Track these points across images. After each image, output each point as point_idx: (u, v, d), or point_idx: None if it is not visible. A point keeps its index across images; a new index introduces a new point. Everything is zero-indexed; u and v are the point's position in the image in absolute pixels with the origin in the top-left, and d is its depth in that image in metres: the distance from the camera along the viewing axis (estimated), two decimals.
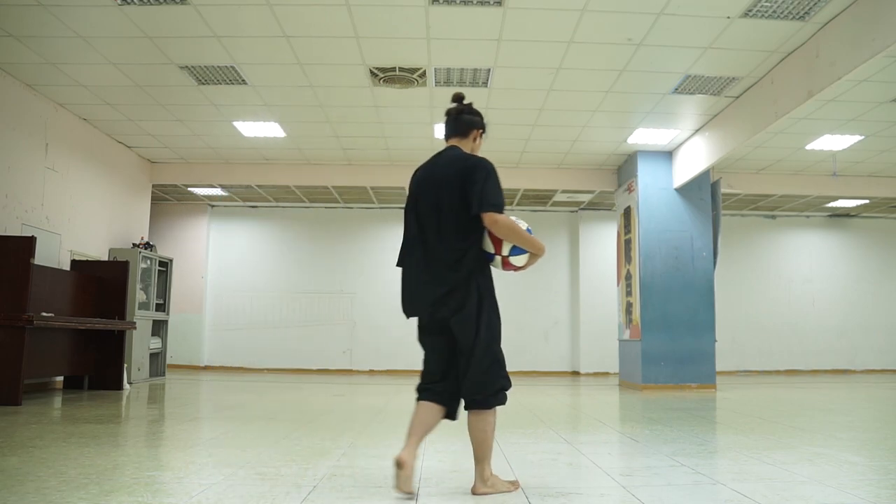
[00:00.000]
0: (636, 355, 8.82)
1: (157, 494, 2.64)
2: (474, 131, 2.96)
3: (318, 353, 12.07)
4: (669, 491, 2.83)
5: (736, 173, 9.96)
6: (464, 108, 2.97)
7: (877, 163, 9.36)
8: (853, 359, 12.50)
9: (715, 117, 7.71)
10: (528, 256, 2.77)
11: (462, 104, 2.99)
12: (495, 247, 2.75)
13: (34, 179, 7.19)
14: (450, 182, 2.74)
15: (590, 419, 5.58)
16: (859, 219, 12.82)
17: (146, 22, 5.51)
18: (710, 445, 4.11)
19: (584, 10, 5.26)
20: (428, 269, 2.73)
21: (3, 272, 5.99)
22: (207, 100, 7.37)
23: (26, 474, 2.95)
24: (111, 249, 8.75)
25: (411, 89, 6.96)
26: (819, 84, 5.58)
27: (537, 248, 2.76)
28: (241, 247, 12.40)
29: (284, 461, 3.39)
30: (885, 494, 2.78)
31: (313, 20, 5.49)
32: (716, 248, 9.05)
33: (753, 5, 5.10)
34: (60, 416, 5.27)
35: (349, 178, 10.15)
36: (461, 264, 2.69)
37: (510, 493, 2.76)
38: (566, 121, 7.89)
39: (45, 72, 6.61)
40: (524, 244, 2.73)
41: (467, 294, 2.69)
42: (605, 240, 11.92)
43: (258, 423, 4.90)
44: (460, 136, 2.94)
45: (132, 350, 8.39)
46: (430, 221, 2.76)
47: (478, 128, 2.97)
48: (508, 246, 2.73)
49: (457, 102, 3.00)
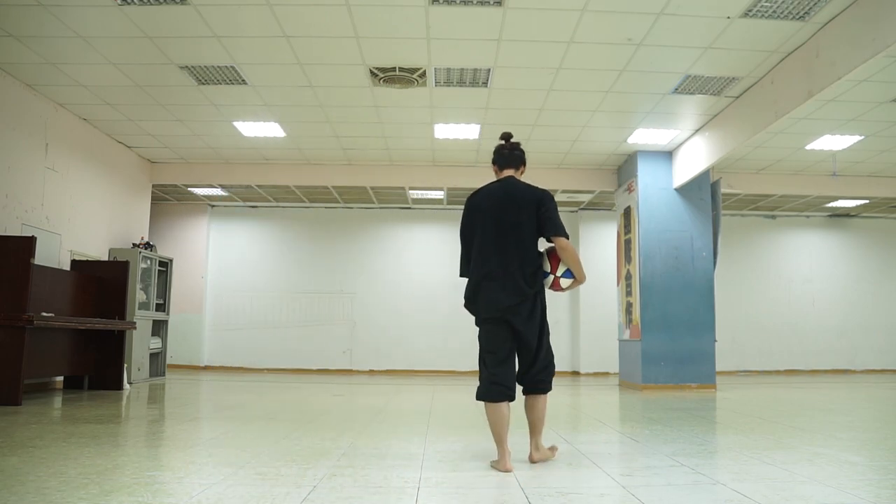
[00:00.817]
0: (636, 355, 8.82)
1: (157, 494, 2.64)
2: (522, 165, 3.58)
3: (318, 353, 12.07)
4: (669, 491, 2.83)
5: (736, 173, 9.96)
6: (515, 145, 3.58)
7: (877, 163, 9.36)
8: (853, 359, 12.50)
9: (715, 117, 7.71)
10: (572, 281, 3.35)
11: (511, 142, 3.59)
12: (552, 267, 3.35)
13: (34, 179, 7.19)
14: (529, 208, 3.32)
15: (590, 419, 5.58)
16: (859, 219, 12.82)
17: (146, 22, 5.51)
18: (710, 445, 4.11)
19: (584, 10, 5.26)
20: (507, 279, 3.27)
21: (3, 272, 5.99)
22: (207, 100, 7.37)
23: (26, 474, 2.95)
24: (111, 249, 8.75)
25: (411, 89, 6.96)
26: (819, 84, 5.58)
27: (582, 277, 3.34)
28: (241, 247, 12.40)
29: (284, 461, 3.39)
30: (885, 494, 2.78)
31: (313, 20, 5.49)
32: (716, 248, 9.05)
33: (753, 5, 5.10)
34: (60, 416, 5.27)
35: (349, 178, 10.16)
36: (535, 279, 3.29)
37: (510, 493, 2.77)
38: (566, 121, 7.89)
39: (45, 72, 6.61)
40: (576, 271, 3.32)
41: (535, 306, 3.31)
42: (605, 240, 11.92)
43: (258, 423, 4.90)
44: (514, 168, 3.55)
45: (132, 350, 8.39)
46: (509, 238, 3.31)
47: (524, 162, 3.59)
48: (563, 268, 3.32)
49: (506, 140, 3.60)
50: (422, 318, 12.13)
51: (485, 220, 3.36)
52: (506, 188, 3.44)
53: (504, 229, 3.32)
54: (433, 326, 12.07)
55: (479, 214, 3.40)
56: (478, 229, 3.37)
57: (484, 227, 3.36)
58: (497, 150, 3.58)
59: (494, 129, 8.21)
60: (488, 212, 3.37)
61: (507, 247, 3.29)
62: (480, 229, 3.37)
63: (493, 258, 3.29)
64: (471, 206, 3.47)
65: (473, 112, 7.67)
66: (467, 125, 8.11)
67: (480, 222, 3.38)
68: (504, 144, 3.58)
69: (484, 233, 3.35)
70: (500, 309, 3.25)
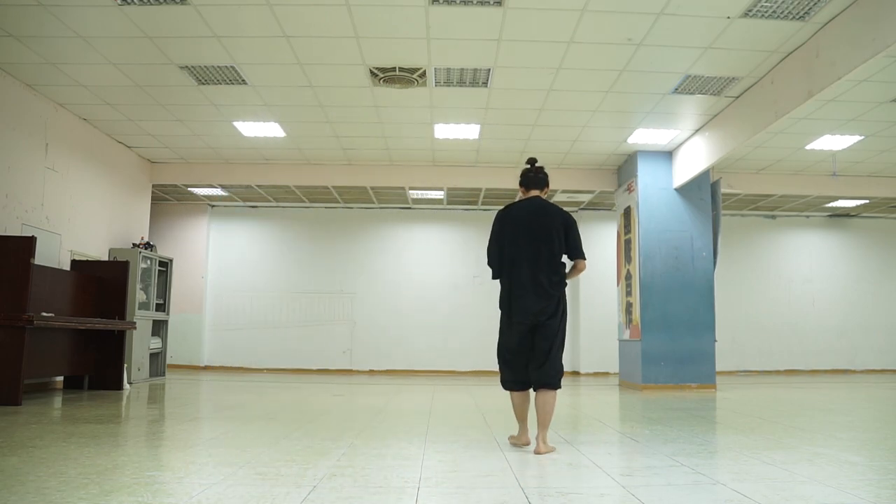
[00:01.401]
0: (636, 355, 8.82)
1: (157, 494, 2.64)
2: (546, 187, 4.11)
3: (318, 353, 12.07)
4: (669, 491, 2.83)
5: (736, 173, 9.96)
6: (540, 169, 4.10)
7: (877, 163, 9.36)
8: (853, 359, 12.50)
9: (715, 117, 7.71)
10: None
11: (536, 166, 4.11)
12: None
13: (34, 179, 7.19)
14: (557, 228, 3.87)
15: (590, 419, 5.58)
16: (859, 219, 12.82)
17: (146, 22, 5.51)
18: (710, 445, 4.11)
19: (584, 10, 5.26)
20: (536, 286, 3.79)
21: (3, 272, 5.99)
22: (207, 100, 7.37)
23: (26, 474, 2.95)
24: (111, 249, 8.75)
25: (411, 89, 6.96)
26: (819, 84, 5.58)
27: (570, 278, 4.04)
28: (241, 247, 12.40)
29: (284, 461, 3.39)
30: (885, 494, 2.78)
31: (313, 20, 5.49)
32: (716, 248, 9.05)
33: (753, 5, 5.10)
34: (60, 416, 5.27)
35: (349, 178, 10.16)
36: (559, 286, 3.84)
37: (510, 493, 2.77)
38: (566, 121, 7.89)
39: (45, 72, 6.61)
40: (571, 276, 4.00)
41: (557, 308, 3.83)
42: (605, 240, 11.92)
43: (258, 423, 4.90)
44: (540, 189, 4.06)
45: (132, 350, 8.39)
46: (538, 251, 3.83)
47: (548, 184, 4.13)
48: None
49: (531, 164, 4.12)
50: (422, 318, 12.13)
51: (515, 234, 3.89)
52: (535, 206, 3.96)
53: (534, 243, 3.85)
54: (433, 326, 12.07)
55: (509, 228, 3.93)
56: (507, 240, 3.91)
57: (515, 240, 3.88)
58: (524, 173, 4.10)
59: (494, 129, 8.21)
60: (519, 227, 3.90)
61: (536, 258, 3.82)
62: (510, 241, 3.89)
63: (524, 268, 3.82)
64: (502, 219, 3.99)
65: (473, 112, 7.67)
66: (467, 125, 8.11)
67: (510, 235, 3.90)
68: (530, 168, 4.10)
69: (515, 245, 3.87)
70: (531, 314, 3.78)
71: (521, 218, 3.93)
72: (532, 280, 3.80)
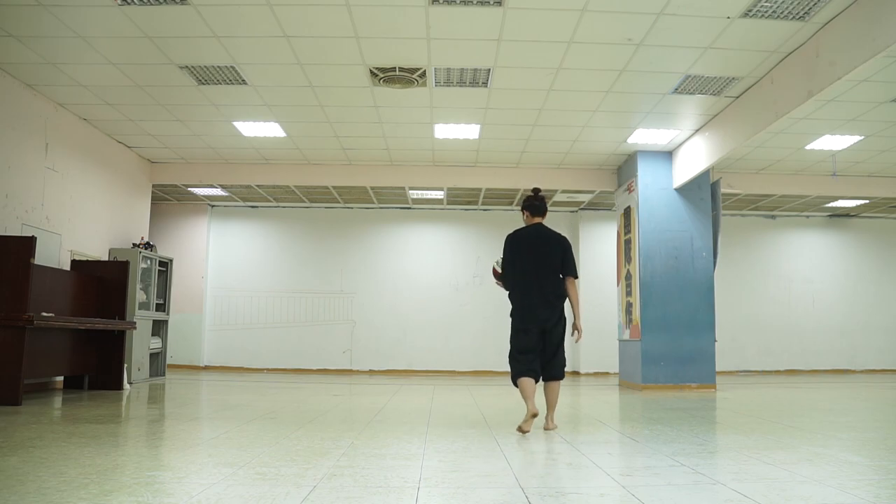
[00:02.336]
0: (636, 355, 8.82)
1: (157, 494, 2.64)
2: (546, 213, 4.87)
3: (318, 353, 12.07)
4: (669, 491, 2.83)
5: (736, 173, 9.96)
6: (542, 198, 4.83)
7: (877, 163, 9.37)
8: (853, 359, 12.50)
9: (715, 117, 7.71)
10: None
11: (539, 195, 4.83)
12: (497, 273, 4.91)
13: (34, 179, 7.20)
14: (557, 251, 4.66)
15: (590, 419, 5.58)
16: (859, 219, 12.82)
17: (146, 22, 5.51)
18: (710, 445, 4.11)
19: (584, 10, 5.26)
20: (543, 299, 4.57)
21: (4, 272, 5.99)
22: (207, 100, 7.37)
23: (26, 474, 2.95)
24: (111, 249, 8.75)
25: (411, 89, 6.96)
26: (819, 84, 5.58)
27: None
28: (241, 247, 12.40)
29: (284, 461, 3.39)
30: (885, 494, 2.78)
31: (313, 20, 5.49)
32: (716, 248, 9.05)
33: (753, 5, 5.10)
34: (60, 416, 5.27)
35: (349, 178, 10.16)
36: (561, 299, 4.63)
37: (510, 493, 2.77)
38: (566, 121, 7.89)
39: (45, 72, 6.61)
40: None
41: (561, 316, 4.64)
42: (605, 240, 11.93)
43: (258, 423, 4.90)
44: (542, 216, 4.82)
45: (132, 350, 8.39)
46: (543, 269, 4.61)
47: (547, 210, 4.88)
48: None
49: (535, 192, 4.85)
50: (422, 318, 12.13)
51: (525, 256, 4.64)
52: (539, 233, 4.73)
53: (541, 264, 4.62)
54: (433, 326, 12.07)
55: (518, 250, 4.68)
56: (517, 260, 4.66)
57: (524, 260, 4.63)
58: (528, 199, 4.81)
59: (494, 129, 8.22)
60: (527, 250, 4.66)
61: (542, 277, 4.60)
62: (521, 262, 4.64)
63: (534, 286, 4.59)
64: (512, 242, 4.72)
65: (473, 112, 7.67)
66: (467, 125, 8.11)
67: (520, 257, 4.65)
68: (534, 196, 4.81)
69: (524, 264, 4.63)
70: (540, 321, 4.54)
71: (530, 243, 4.68)
72: (539, 294, 4.57)
